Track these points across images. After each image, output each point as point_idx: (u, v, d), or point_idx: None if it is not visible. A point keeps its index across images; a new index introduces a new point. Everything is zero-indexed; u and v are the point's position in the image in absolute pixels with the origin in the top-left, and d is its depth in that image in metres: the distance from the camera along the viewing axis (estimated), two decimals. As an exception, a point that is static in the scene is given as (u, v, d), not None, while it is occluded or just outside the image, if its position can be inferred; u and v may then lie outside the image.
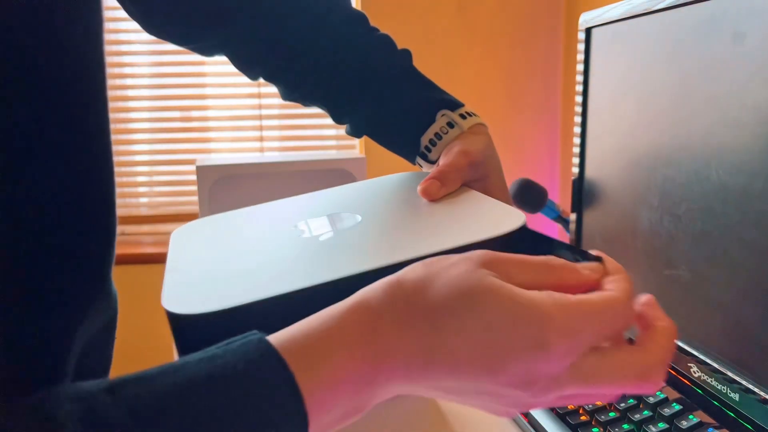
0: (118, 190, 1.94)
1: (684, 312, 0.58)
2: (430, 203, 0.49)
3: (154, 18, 0.60)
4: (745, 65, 0.49)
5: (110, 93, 1.80)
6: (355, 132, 0.62)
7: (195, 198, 1.76)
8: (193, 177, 1.73)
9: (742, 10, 0.50)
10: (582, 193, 0.77)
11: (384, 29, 0.59)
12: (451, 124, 0.56)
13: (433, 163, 0.58)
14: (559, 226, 1.40)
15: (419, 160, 0.59)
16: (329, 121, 1.97)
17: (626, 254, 0.67)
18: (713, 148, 0.53)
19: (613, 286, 0.32)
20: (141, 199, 1.75)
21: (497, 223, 0.39)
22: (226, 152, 1.74)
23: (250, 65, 0.62)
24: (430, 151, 0.57)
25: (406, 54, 0.61)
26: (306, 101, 0.63)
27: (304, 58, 0.60)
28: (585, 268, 0.34)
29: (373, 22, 0.61)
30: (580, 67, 0.75)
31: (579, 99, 0.76)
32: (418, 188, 0.50)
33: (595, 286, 0.33)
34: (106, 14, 1.55)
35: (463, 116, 0.57)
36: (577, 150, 0.77)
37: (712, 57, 0.53)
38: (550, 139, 1.65)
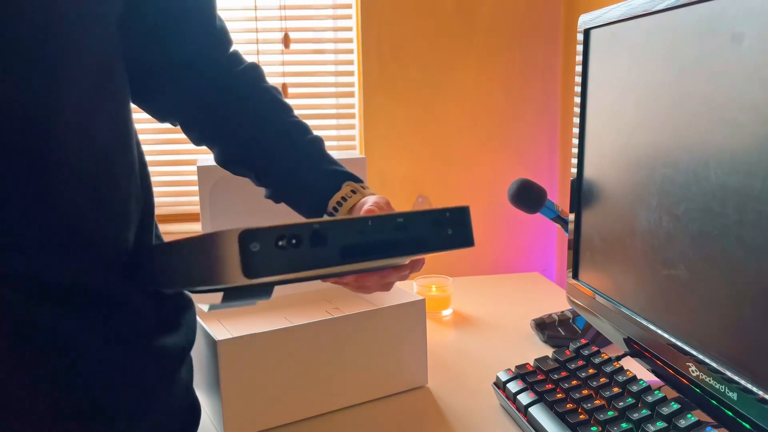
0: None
1: (682, 311, 0.58)
2: None
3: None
4: (744, 66, 0.50)
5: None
6: (273, 196, 0.73)
7: (196, 198, 1.76)
8: (194, 177, 1.73)
9: (741, 10, 0.50)
10: (581, 193, 0.77)
11: (384, 30, 0.61)
12: (353, 191, 0.68)
13: None
14: (558, 226, 1.40)
15: None
16: (329, 122, 1.96)
17: (625, 254, 0.67)
18: (712, 148, 0.54)
19: None
20: (141, 199, 1.75)
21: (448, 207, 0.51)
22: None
23: (192, 134, 0.74)
24: (337, 211, 0.68)
25: (319, 138, 0.73)
26: (233, 169, 0.74)
27: (234, 135, 0.71)
28: None
29: (372, 24, 0.62)
30: (579, 68, 0.76)
31: (578, 100, 0.76)
32: (362, 212, 0.58)
33: None
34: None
35: (363, 187, 0.69)
36: (576, 150, 0.77)
37: (711, 58, 0.53)
38: (549, 140, 1.66)
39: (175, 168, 1.74)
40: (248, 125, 0.71)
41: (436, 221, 0.48)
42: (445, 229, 0.49)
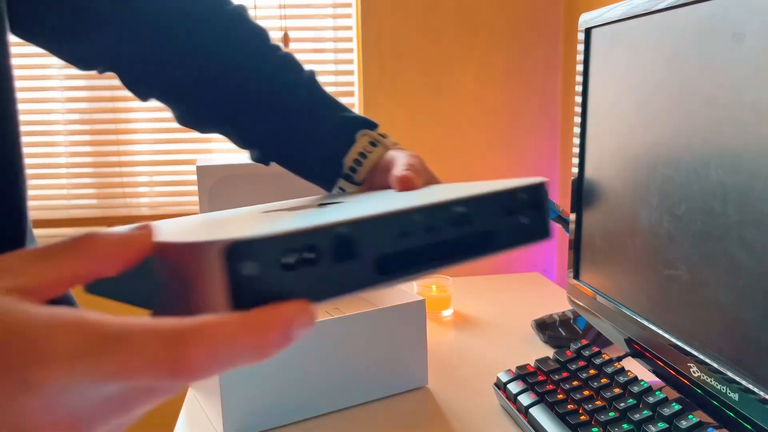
0: (118, 191, 1.92)
1: (683, 312, 0.58)
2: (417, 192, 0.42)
3: (26, 24, 0.52)
4: (745, 65, 0.49)
5: (111, 93, 1.78)
6: (262, 158, 0.58)
7: (195, 198, 1.76)
8: (194, 177, 1.73)
9: (742, 10, 0.50)
10: (582, 193, 0.77)
11: (383, 29, 0.58)
12: (374, 143, 0.54)
13: (359, 184, 0.55)
14: (559, 227, 1.40)
15: (343, 182, 0.56)
16: (329, 121, 1.92)
17: (626, 254, 0.67)
18: (713, 147, 0.53)
19: None
20: (142, 199, 1.75)
21: (518, 182, 0.35)
22: (227, 152, 1.74)
23: (141, 84, 0.57)
24: (355, 171, 0.54)
25: (312, 74, 0.57)
26: (205, 127, 0.58)
27: (204, 77, 0.55)
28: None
29: (372, 23, 0.57)
30: (580, 68, 0.75)
31: (579, 99, 0.76)
32: (393, 179, 0.45)
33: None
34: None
35: (382, 135, 0.55)
36: (576, 150, 0.77)
37: (712, 57, 0.53)
38: (549, 140, 1.65)
39: (175, 168, 1.74)
40: (219, 65, 0.54)
41: (509, 207, 0.33)
42: (517, 218, 0.34)
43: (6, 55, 0.41)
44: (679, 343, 0.58)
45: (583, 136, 0.76)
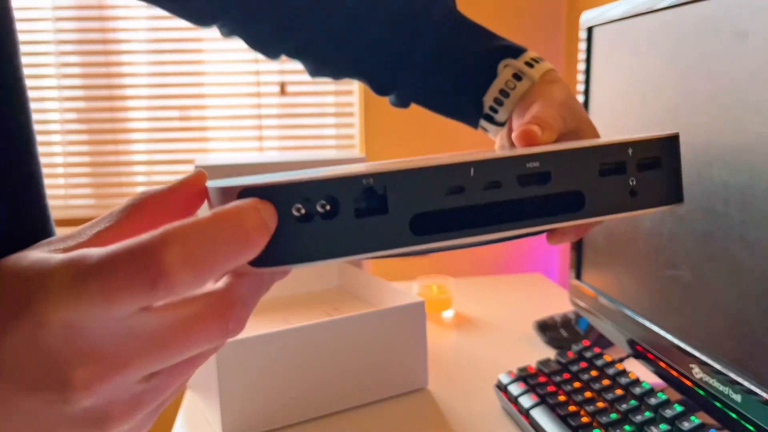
0: (115, 190, 1.90)
1: (686, 313, 0.58)
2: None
3: None
4: (747, 64, 0.49)
5: (108, 92, 1.77)
6: (401, 102, 0.54)
7: (194, 198, 1.76)
8: (192, 177, 1.73)
9: (744, 8, 0.49)
10: (583, 193, 0.77)
11: None
12: (518, 76, 0.47)
13: (501, 125, 0.50)
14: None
15: (484, 123, 0.51)
16: (329, 120, 1.93)
17: (628, 254, 0.67)
18: (715, 147, 0.53)
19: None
20: (140, 198, 1.74)
21: (646, 134, 0.30)
22: (225, 152, 1.74)
23: (269, 43, 0.54)
24: (496, 111, 0.48)
25: (451, 3, 0.52)
26: (340, 75, 0.55)
27: (337, 23, 0.51)
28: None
29: None
30: (582, 67, 0.75)
31: (581, 98, 0.76)
32: (513, 135, 0.39)
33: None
34: (104, 13, 1.54)
35: (529, 64, 0.48)
36: (577, 150, 0.77)
37: (714, 56, 0.53)
38: (550, 139, 1.65)
39: (173, 167, 1.73)
40: (347, 7, 0.51)
41: (607, 166, 0.29)
42: (625, 179, 0.29)
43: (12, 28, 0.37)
44: (681, 344, 0.58)
45: (584, 135, 0.76)
